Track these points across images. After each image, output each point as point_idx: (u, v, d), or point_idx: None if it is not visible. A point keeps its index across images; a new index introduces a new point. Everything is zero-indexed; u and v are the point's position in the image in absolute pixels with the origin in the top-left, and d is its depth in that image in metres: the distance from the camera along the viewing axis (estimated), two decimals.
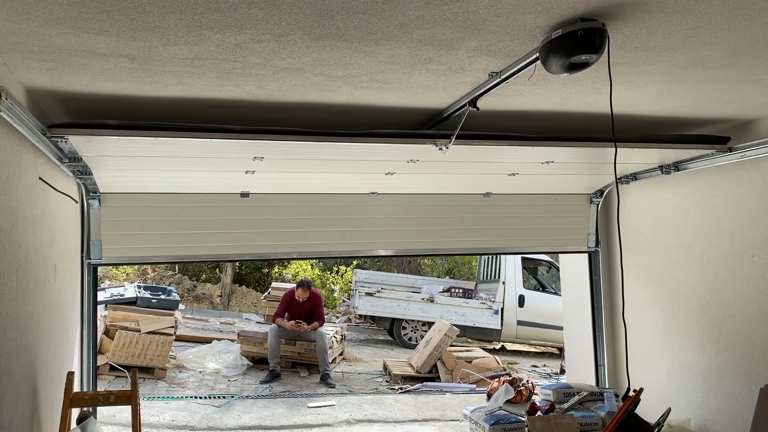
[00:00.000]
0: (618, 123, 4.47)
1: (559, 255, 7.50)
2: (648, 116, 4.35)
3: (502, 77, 3.12)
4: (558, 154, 4.77)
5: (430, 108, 3.96)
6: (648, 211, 5.68)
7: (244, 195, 5.30)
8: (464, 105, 3.62)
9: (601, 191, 6.17)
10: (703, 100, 3.87)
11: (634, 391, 3.11)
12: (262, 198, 5.37)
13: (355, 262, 18.04)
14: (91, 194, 4.89)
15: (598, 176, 5.83)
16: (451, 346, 9.19)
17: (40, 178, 3.65)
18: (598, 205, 6.23)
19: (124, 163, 4.53)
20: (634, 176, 5.67)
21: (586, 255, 6.32)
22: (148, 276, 17.54)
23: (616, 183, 3.54)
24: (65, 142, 3.63)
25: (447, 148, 4.08)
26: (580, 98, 3.75)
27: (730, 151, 4.57)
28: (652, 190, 5.61)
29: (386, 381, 8.70)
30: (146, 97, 3.58)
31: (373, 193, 5.63)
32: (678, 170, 5.10)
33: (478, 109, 3.62)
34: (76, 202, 4.70)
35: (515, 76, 3.08)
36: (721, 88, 3.60)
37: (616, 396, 5.16)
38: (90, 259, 4.96)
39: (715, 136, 4.64)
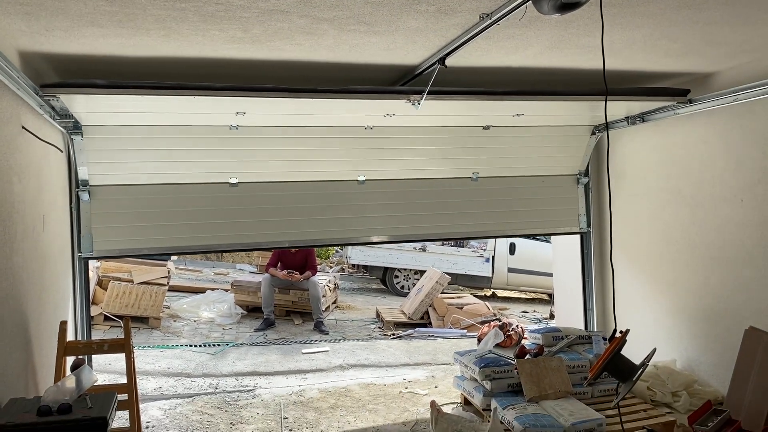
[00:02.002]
0: (582, 77, 4.77)
1: None
2: (611, 71, 4.54)
3: (493, 18, 3.05)
4: (527, 107, 4.99)
5: (404, 65, 4.13)
6: (638, 156, 5.67)
7: (233, 185, 5.29)
8: (434, 63, 3.84)
9: (587, 171, 6.23)
10: (696, 42, 3.81)
11: (621, 332, 3.16)
12: (252, 187, 5.35)
13: None
14: (81, 187, 4.88)
15: (574, 128, 5.95)
16: (442, 293, 9.31)
17: (23, 127, 3.58)
18: (586, 185, 6.27)
19: (115, 120, 4.60)
20: (605, 127, 5.84)
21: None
22: None
23: (606, 127, 3.57)
24: (57, 100, 3.82)
25: (419, 103, 4.29)
26: (572, 41, 3.68)
27: (690, 103, 4.81)
28: (644, 136, 5.59)
29: (379, 328, 8.83)
30: (133, 57, 3.75)
31: (362, 178, 5.63)
32: (644, 121, 5.35)
33: (446, 67, 3.81)
34: (62, 151, 4.63)
35: (506, 17, 3.01)
36: (715, 30, 3.54)
37: (604, 339, 5.25)
38: (81, 252, 4.94)
39: (675, 89, 4.88)
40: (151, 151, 4.97)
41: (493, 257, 11.91)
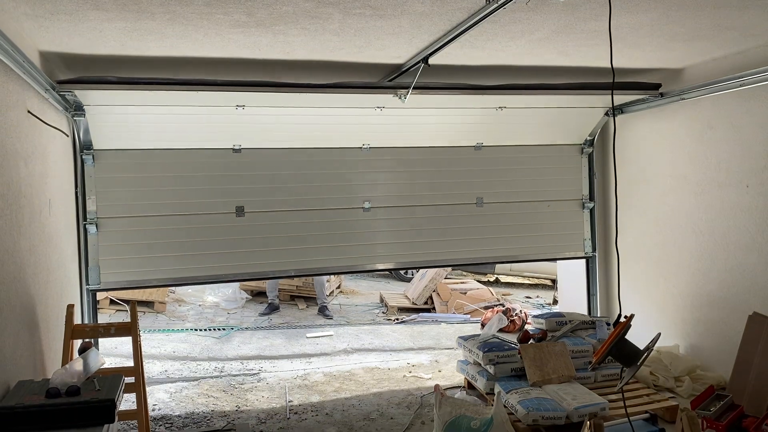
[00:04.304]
0: (568, 75, 4.96)
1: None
2: (595, 67, 4.76)
3: (500, 2, 3.03)
4: (509, 101, 5.25)
5: (393, 63, 4.54)
6: (644, 142, 5.65)
7: (240, 214, 5.34)
8: (419, 62, 4.24)
9: (591, 195, 6.27)
10: (703, 26, 3.78)
11: (625, 317, 3.17)
12: (257, 216, 5.41)
13: None
14: (89, 220, 4.96)
15: (562, 147, 6.18)
16: (446, 278, 9.33)
17: (29, 112, 3.59)
18: (591, 210, 6.31)
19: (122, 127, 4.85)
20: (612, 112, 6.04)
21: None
22: None
23: (613, 113, 3.56)
24: (72, 95, 4.19)
25: (405, 97, 4.69)
26: (579, 26, 3.66)
27: (662, 96, 5.07)
28: (649, 121, 5.57)
29: (383, 312, 8.86)
30: (141, 56, 4.06)
31: (366, 204, 5.67)
32: (622, 113, 5.66)
33: (429, 65, 4.21)
34: (67, 136, 4.64)
35: (513, 1, 2.99)
36: (723, 14, 3.52)
37: (608, 324, 5.26)
38: (88, 284, 5.01)
39: (647, 83, 5.11)
40: (157, 179, 5.13)
41: None
